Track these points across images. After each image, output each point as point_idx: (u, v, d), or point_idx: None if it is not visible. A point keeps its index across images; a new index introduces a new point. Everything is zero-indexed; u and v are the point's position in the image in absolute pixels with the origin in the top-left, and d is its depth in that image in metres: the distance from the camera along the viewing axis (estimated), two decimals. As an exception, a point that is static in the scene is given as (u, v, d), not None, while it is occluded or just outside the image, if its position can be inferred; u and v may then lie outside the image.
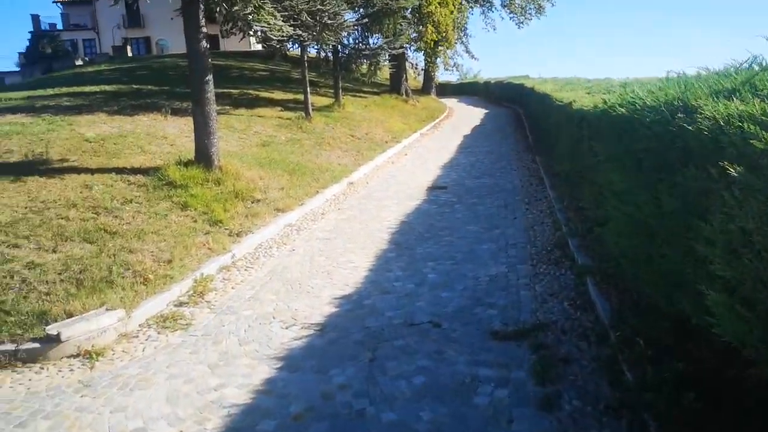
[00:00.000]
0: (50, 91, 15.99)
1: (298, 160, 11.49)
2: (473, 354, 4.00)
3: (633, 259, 4.07)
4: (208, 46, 8.93)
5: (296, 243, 7.25)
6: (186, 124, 11.53)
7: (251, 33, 9.95)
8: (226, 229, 7.20)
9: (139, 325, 4.81)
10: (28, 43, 43.07)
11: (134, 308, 4.88)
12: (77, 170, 8.30)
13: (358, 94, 24.50)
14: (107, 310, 4.68)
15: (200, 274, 5.81)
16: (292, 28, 11.10)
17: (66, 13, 48.57)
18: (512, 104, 30.04)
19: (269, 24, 9.28)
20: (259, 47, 35.05)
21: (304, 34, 14.89)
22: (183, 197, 7.72)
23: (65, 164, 8.61)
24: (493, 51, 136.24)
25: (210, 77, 8.90)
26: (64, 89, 16.28)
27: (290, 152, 12.10)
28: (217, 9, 9.09)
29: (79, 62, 37.94)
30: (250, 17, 9.08)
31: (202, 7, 8.74)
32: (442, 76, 42.43)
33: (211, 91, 8.92)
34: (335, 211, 8.98)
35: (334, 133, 15.07)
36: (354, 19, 18.86)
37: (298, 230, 7.84)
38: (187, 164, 8.74)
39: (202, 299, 5.36)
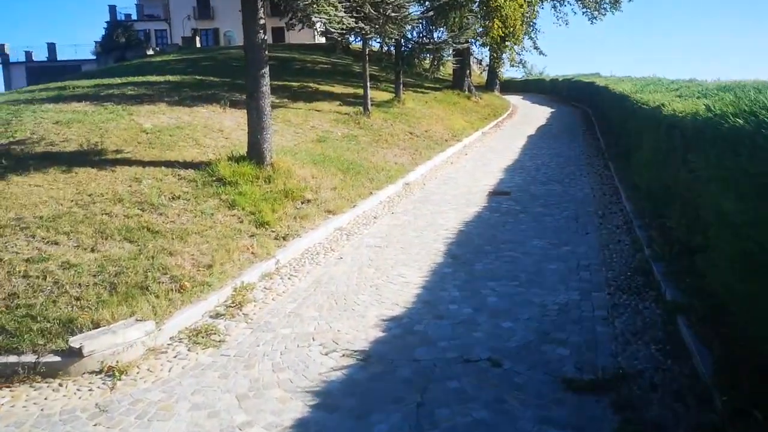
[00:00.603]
0: (117, 80, 16.22)
1: (353, 158, 11.04)
2: (541, 408, 3.36)
3: (747, 305, 3.31)
4: (266, 37, 8.56)
5: (345, 250, 6.77)
6: (243, 117, 11.26)
7: (310, 25, 9.53)
8: (272, 231, 6.81)
9: (170, 338, 4.45)
10: (104, 32, 44.82)
11: (166, 319, 4.53)
12: (130, 162, 8.15)
13: (419, 89, 23.87)
14: (137, 320, 4.34)
15: (240, 282, 5.42)
16: (353, 20, 10.63)
17: (140, 4, 50.40)
18: (580, 104, 28.53)
19: (329, 15, 8.83)
20: (323, 40, 35.03)
21: (366, 27, 14.41)
22: (231, 195, 7.40)
23: (119, 156, 8.49)
24: (559, 47, 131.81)
25: (266, 70, 8.53)
26: (130, 78, 16.51)
27: (346, 149, 11.67)
28: (276, -1, 8.73)
29: (150, 52, 39.17)
30: (309, 8, 8.65)
31: (260, -4, 8.38)
32: (507, 72, 41.09)
33: (266, 84, 8.56)
34: (388, 215, 8.45)
35: (393, 130, 14.54)
36: (419, 12, 18.26)
37: (348, 235, 7.36)
38: (238, 160, 8.44)
39: (240, 311, 4.95)
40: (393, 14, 15.07)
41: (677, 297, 4.53)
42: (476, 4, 22.19)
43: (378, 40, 17.58)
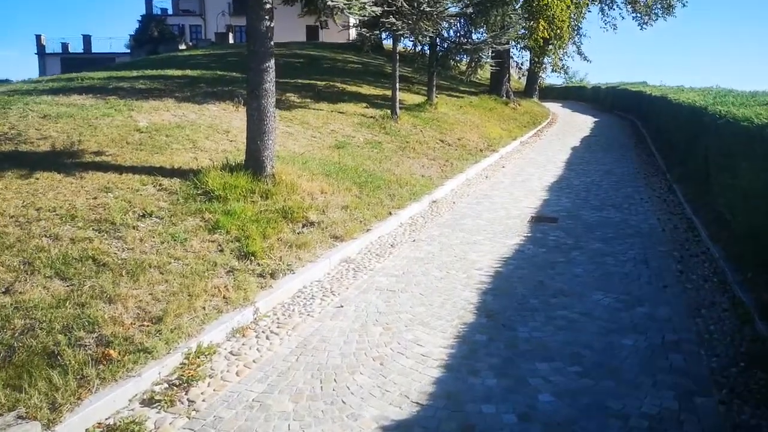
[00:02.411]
0: (133, 73, 15.24)
1: (374, 169, 9.58)
2: None
3: None
4: (272, 25, 7.17)
5: (348, 293, 5.29)
6: (252, 117, 9.99)
7: (327, 12, 8.09)
8: (258, 264, 5.39)
9: (70, 443, 3.05)
10: (138, 26, 44.52)
11: (69, 411, 3.12)
12: (107, 167, 6.86)
13: (453, 93, 22.30)
14: (19, 418, 2.95)
15: (198, 343, 4.00)
16: (379, 8, 9.20)
17: (177, -1, 50.04)
18: (626, 113, 26.47)
19: (349, 1, 7.40)
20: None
21: (398, 22, 13.00)
22: (216, 214, 6.02)
23: (97, 158, 7.22)
24: (602, 53, 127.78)
25: (271, 64, 7.15)
26: (148, 71, 15.50)
27: (366, 157, 10.23)
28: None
29: (182, 46, 38.51)
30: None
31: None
32: (547, 78, 39.08)
33: (270, 80, 7.18)
34: (409, 243, 6.94)
35: (422, 137, 13.03)
36: (457, 9, 16.72)
37: (355, 271, 5.89)
38: (233, 169, 7.07)
39: (185, 394, 3.52)
40: (428, 9, 13.56)
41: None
42: (519, 3, 20.53)
43: (411, 38, 16.14)
